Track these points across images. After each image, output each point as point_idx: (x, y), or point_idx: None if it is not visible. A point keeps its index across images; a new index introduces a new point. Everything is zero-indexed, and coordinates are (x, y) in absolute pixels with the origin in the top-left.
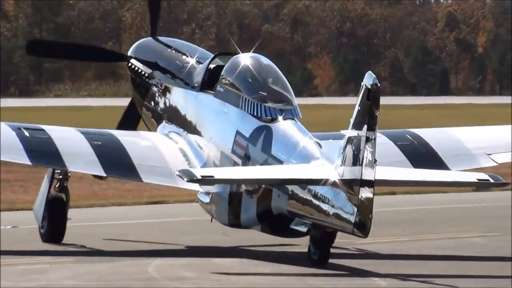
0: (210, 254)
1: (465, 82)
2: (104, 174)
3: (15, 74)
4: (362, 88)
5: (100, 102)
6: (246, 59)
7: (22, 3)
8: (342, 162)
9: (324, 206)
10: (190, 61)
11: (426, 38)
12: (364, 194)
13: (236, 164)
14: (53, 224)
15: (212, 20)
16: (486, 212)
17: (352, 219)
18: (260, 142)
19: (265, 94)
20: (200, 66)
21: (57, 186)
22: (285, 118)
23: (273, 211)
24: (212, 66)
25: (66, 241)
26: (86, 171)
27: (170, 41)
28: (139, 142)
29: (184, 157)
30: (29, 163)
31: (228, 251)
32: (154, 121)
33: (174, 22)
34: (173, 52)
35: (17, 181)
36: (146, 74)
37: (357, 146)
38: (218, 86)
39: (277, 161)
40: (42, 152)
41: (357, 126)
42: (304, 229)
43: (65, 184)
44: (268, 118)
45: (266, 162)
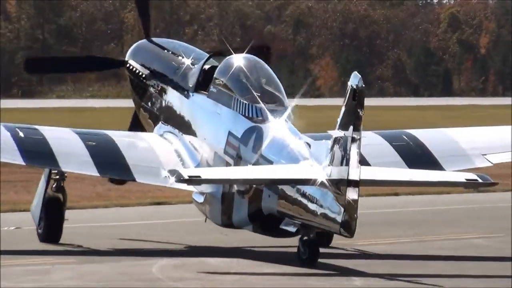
0: (213, 254)
1: (467, 83)
2: (97, 175)
3: (18, 75)
4: (348, 88)
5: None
6: (239, 60)
7: (24, 4)
8: (329, 162)
9: (312, 206)
10: (185, 62)
11: (429, 39)
12: (350, 194)
13: (228, 164)
14: (50, 224)
15: (214, 21)
16: (487, 213)
17: (339, 219)
18: (251, 143)
19: (257, 94)
20: (195, 67)
21: (54, 186)
22: (277, 119)
23: (263, 211)
24: (206, 67)
25: (68, 241)
26: (80, 171)
27: (167, 42)
28: (134, 143)
29: (178, 157)
30: (22, 163)
31: (231, 252)
32: (151, 122)
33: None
34: (169, 53)
35: (20, 182)
36: (143, 76)
37: (343, 146)
38: (212, 86)
39: (267, 161)
40: (36, 152)
41: (343, 127)
42: (293, 229)
43: (61, 184)
44: (259, 118)
45: (257, 162)
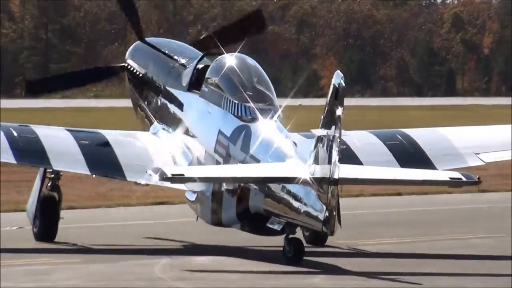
0: (215, 254)
1: (471, 83)
2: (88, 173)
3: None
4: (331, 87)
5: (106, 103)
6: (230, 60)
7: (28, 4)
8: (313, 161)
9: (296, 205)
10: (180, 61)
11: (432, 39)
12: (331, 192)
13: (218, 163)
14: (45, 223)
15: (218, 21)
16: (489, 213)
17: (321, 217)
18: (240, 141)
19: (247, 94)
20: (188, 67)
21: (49, 185)
22: (266, 118)
23: (251, 210)
24: (200, 66)
25: (70, 241)
26: (71, 170)
27: (164, 41)
28: (127, 142)
29: (171, 156)
30: (14, 162)
31: (234, 251)
32: (147, 121)
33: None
34: (165, 53)
35: (22, 181)
36: (140, 75)
37: (326, 145)
38: (204, 86)
39: (255, 160)
40: (28, 151)
41: (326, 125)
42: (278, 227)
43: (57, 183)
44: (248, 117)
45: (245, 161)
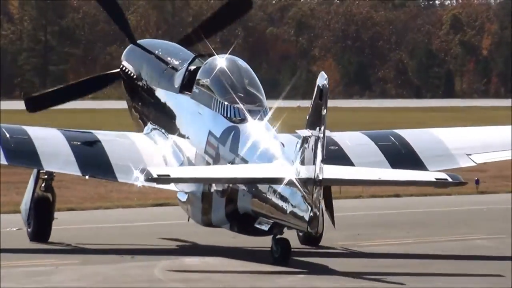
0: (216, 255)
1: (469, 85)
2: (79, 174)
3: (20, 77)
4: (316, 88)
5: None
6: (221, 61)
7: (27, 6)
8: (299, 161)
9: (282, 205)
10: (173, 63)
11: (431, 40)
12: (315, 193)
13: (208, 164)
14: (39, 223)
15: None
16: (490, 214)
17: (307, 218)
18: (228, 142)
19: (238, 95)
20: (180, 68)
21: (42, 185)
22: (255, 119)
23: (239, 211)
24: (191, 68)
25: (71, 243)
26: (62, 171)
27: (157, 43)
28: (120, 143)
29: (163, 157)
30: (5, 163)
31: (235, 252)
32: (141, 122)
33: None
34: (158, 54)
35: (22, 183)
36: (134, 77)
37: (311, 145)
38: (195, 87)
39: (243, 161)
40: (20, 151)
41: (311, 126)
42: (265, 228)
43: (50, 184)
44: (238, 118)
45: (234, 162)
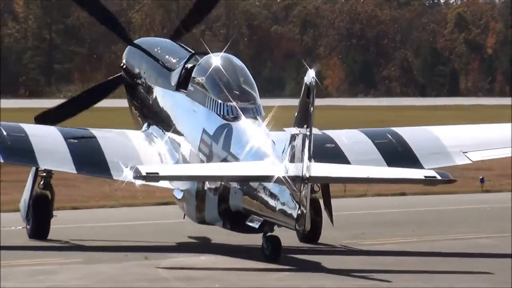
0: (220, 253)
1: (474, 83)
2: (75, 172)
3: (25, 75)
4: (303, 86)
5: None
6: (216, 60)
7: (32, 4)
8: (288, 159)
9: (272, 203)
10: (170, 61)
11: (436, 39)
12: (303, 190)
13: (202, 161)
14: (38, 221)
15: (221, 21)
16: (495, 213)
17: (295, 215)
18: (221, 140)
19: (232, 93)
20: (177, 66)
21: (41, 183)
22: (247, 117)
23: (231, 208)
24: (188, 66)
25: (75, 241)
26: (58, 169)
27: (158, 41)
28: (117, 141)
29: (159, 155)
30: (1, 161)
31: (239, 251)
32: (140, 120)
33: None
34: (156, 53)
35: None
36: (134, 75)
37: (299, 143)
38: (190, 85)
39: (235, 158)
40: (16, 149)
41: (299, 124)
42: (256, 225)
43: (49, 181)
44: (231, 116)
45: (226, 159)
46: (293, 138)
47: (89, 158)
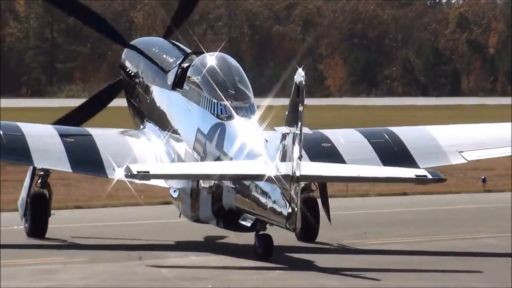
0: (224, 253)
1: (476, 83)
2: (70, 171)
3: (27, 75)
4: (293, 85)
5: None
6: (211, 59)
7: (33, 4)
8: (279, 158)
9: (263, 201)
10: (167, 60)
11: (437, 39)
12: (294, 189)
13: (196, 160)
14: (36, 219)
15: (223, 21)
16: (498, 212)
17: (285, 213)
18: (215, 139)
19: (226, 92)
20: (174, 66)
21: (38, 182)
22: (241, 116)
23: (224, 207)
24: (184, 65)
25: (78, 241)
26: (53, 168)
27: (156, 40)
28: (113, 140)
29: (155, 154)
30: None
31: (242, 251)
32: (137, 119)
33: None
34: (153, 52)
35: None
36: (132, 74)
37: (289, 142)
38: (185, 84)
39: (227, 157)
40: (12, 148)
41: (289, 123)
42: (248, 223)
43: (46, 180)
44: (224, 115)
45: (219, 158)
46: (283, 137)
47: (84, 157)
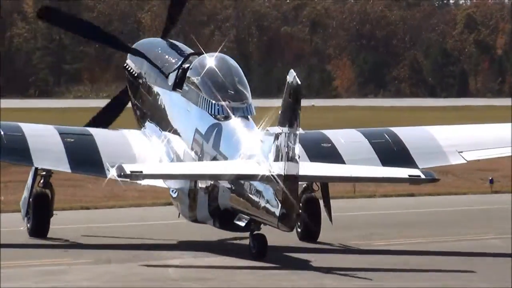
0: (230, 254)
1: (484, 84)
2: (69, 171)
3: (34, 75)
4: (286, 86)
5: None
6: (210, 60)
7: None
8: (273, 158)
9: (256, 201)
10: (169, 61)
11: (445, 40)
12: (287, 188)
13: (194, 160)
14: (38, 219)
15: (231, 22)
16: (504, 213)
17: (277, 213)
18: (212, 139)
19: (224, 93)
20: (175, 67)
21: (41, 182)
22: (238, 116)
23: (220, 207)
24: (185, 66)
25: (85, 242)
26: (53, 168)
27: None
28: (113, 140)
29: (155, 154)
30: None
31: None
32: (141, 119)
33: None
34: (157, 53)
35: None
36: (135, 75)
37: (282, 142)
38: (185, 85)
39: (224, 157)
40: (12, 149)
41: (282, 123)
42: (242, 223)
43: (48, 180)
44: (221, 116)
45: (215, 158)
46: (276, 137)
47: (84, 157)
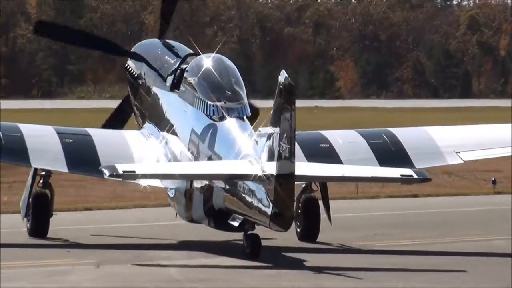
0: (233, 255)
1: (487, 85)
2: (67, 171)
3: (37, 76)
4: (278, 86)
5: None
6: (207, 61)
7: (45, 6)
8: (266, 158)
9: (249, 200)
10: (168, 62)
11: (448, 41)
12: (279, 188)
13: (190, 160)
14: (37, 219)
15: (234, 22)
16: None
17: (269, 213)
18: (207, 139)
19: (222, 94)
20: (173, 67)
21: (40, 182)
22: (233, 116)
23: (215, 207)
24: (183, 67)
25: (88, 242)
26: (50, 168)
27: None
28: (112, 140)
29: (152, 154)
30: None
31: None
32: (140, 119)
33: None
34: (156, 54)
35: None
36: (135, 75)
37: (274, 142)
38: (182, 85)
39: (218, 157)
40: (10, 149)
41: (274, 124)
42: (236, 223)
43: (48, 180)
44: (217, 116)
45: (210, 158)
46: (269, 137)
47: (82, 157)
